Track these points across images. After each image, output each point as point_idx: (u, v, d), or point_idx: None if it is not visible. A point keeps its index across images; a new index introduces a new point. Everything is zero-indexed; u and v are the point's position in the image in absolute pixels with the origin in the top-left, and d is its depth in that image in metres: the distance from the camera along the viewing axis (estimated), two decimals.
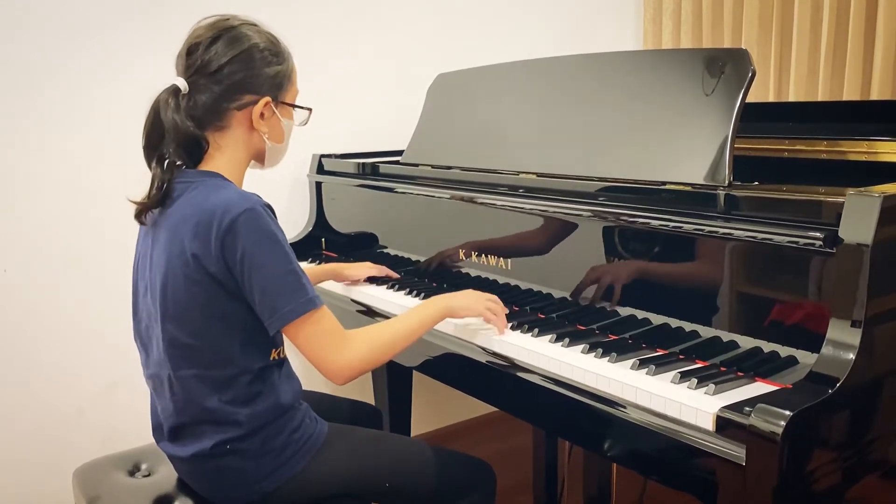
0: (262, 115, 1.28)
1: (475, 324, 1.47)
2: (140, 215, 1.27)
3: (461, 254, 1.70)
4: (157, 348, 1.27)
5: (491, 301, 1.44)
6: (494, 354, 1.41)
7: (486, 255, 1.64)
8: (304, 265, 2.08)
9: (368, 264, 1.87)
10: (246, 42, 1.25)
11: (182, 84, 1.24)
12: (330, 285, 1.88)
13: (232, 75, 1.24)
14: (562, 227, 1.47)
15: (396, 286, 1.77)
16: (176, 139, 1.23)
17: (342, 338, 1.25)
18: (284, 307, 1.19)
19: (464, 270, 1.71)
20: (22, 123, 1.86)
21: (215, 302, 1.20)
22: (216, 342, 1.22)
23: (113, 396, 2.03)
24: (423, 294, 1.68)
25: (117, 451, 1.49)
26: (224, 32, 1.25)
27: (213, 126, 1.27)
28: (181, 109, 1.23)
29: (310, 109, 1.39)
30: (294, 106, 1.35)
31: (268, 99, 1.28)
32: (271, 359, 1.28)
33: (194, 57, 1.24)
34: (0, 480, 1.91)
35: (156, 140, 1.26)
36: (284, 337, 1.28)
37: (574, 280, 1.45)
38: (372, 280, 1.84)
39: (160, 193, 1.23)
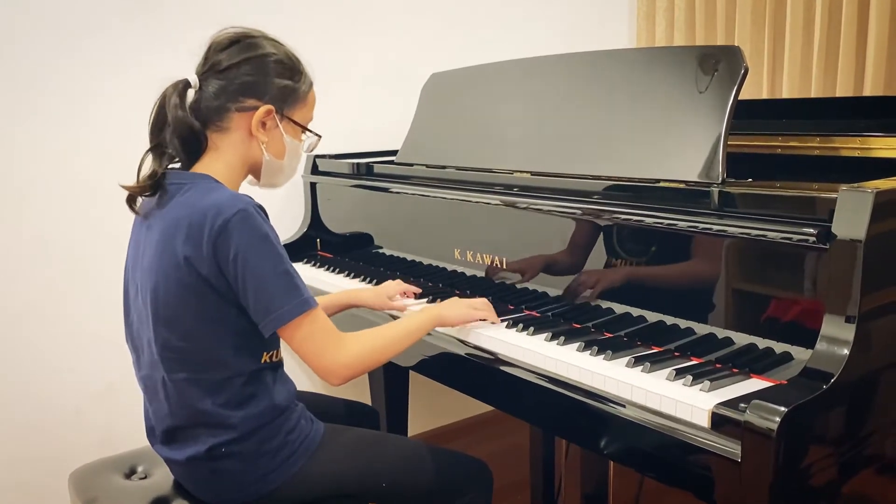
0: (263, 123, 1.28)
1: (471, 323, 1.48)
2: (131, 201, 1.28)
3: (456, 253, 1.70)
4: (148, 351, 1.26)
5: (476, 303, 1.48)
6: (490, 353, 1.41)
7: (481, 254, 1.64)
8: (301, 270, 2.06)
9: (390, 287, 1.67)
10: (260, 50, 1.27)
11: (193, 80, 1.26)
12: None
13: (239, 76, 1.25)
14: (556, 225, 1.47)
15: None
16: (175, 132, 1.24)
17: (337, 338, 1.25)
18: (280, 308, 1.19)
19: (459, 269, 1.71)
20: (22, 123, 1.85)
21: (207, 305, 1.20)
22: (209, 345, 1.22)
23: (111, 397, 2.03)
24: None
25: (115, 451, 1.49)
26: (242, 39, 1.28)
27: (214, 126, 1.27)
28: (184, 104, 1.24)
29: (319, 136, 1.38)
30: (302, 127, 1.34)
31: (270, 107, 1.27)
32: (263, 361, 1.27)
33: (209, 57, 1.27)
34: None
35: (157, 131, 1.27)
36: (281, 339, 1.27)
37: (569, 278, 1.45)
38: None
39: (151, 181, 1.24)
